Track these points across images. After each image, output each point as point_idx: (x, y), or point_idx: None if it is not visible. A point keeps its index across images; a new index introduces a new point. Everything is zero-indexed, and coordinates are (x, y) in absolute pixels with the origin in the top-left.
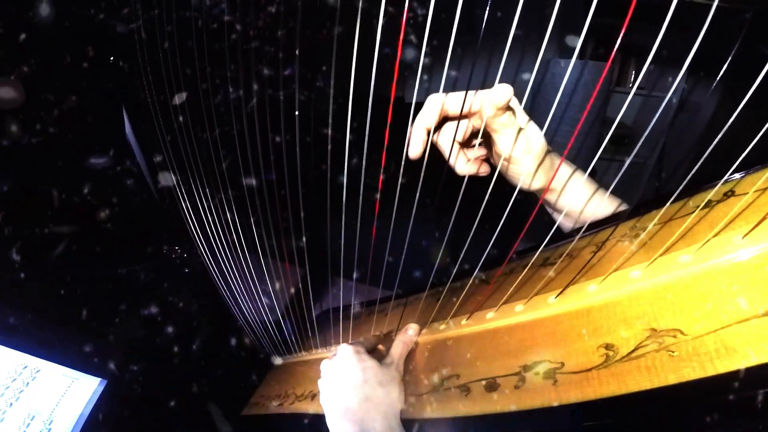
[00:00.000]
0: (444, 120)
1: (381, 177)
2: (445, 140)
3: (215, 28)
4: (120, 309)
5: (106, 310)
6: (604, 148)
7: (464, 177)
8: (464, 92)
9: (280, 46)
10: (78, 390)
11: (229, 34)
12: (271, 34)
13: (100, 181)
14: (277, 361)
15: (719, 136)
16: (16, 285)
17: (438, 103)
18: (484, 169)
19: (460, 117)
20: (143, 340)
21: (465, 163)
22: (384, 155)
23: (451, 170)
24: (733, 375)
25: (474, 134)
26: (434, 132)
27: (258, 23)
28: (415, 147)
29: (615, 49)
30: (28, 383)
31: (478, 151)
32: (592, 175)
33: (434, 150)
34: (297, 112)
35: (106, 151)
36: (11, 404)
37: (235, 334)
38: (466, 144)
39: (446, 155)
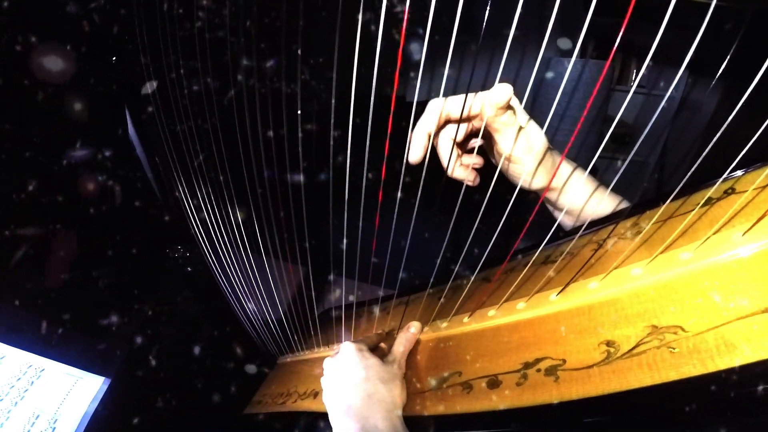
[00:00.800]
0: (445, 123)
1: (382, 177)
2: (443, 141)
3: (218, 26)
4: (124, 308)
5: (110, 310)
6: (605, 147)
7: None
8: (464, 95)
9: (282, 44)
10: (82, 389)
11: (232, 31)
12: (274, 33)
13: (103, 180)
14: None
15: (718, 134)
16: (20, 285)
17: (439, 107)
18: (474, 178)
19: (461, 120)
20: (147, 339)
21: (459, 167)
22: (386, 154)
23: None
24: (733, 371)
25: (473, 134)
26: (434, 135)
27: (262, 21)
28: (416, 152)
29: (614, 49)
30: (32, 382)
31: (474, 159)
32: (593, 173)
33: (434, 150)
34: (299, 111)
35: (108, 151)
36: (16, 403)
37: (238, 333)
38: (464, 145)
39: (442, 157)
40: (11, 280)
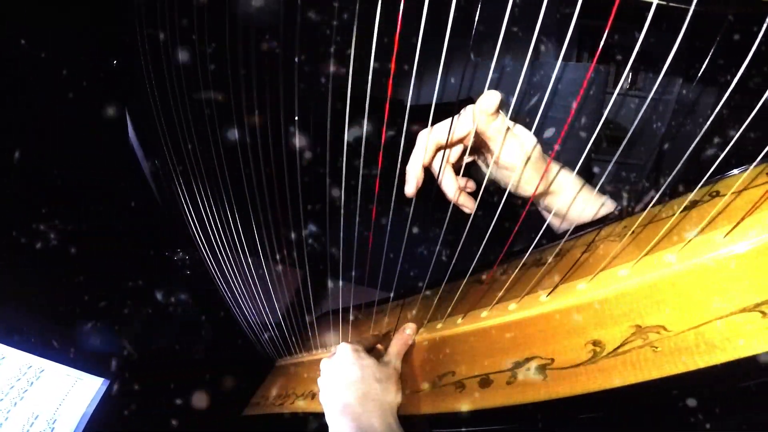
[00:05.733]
0: (436, 151)
1: (378, 180)
2: (436, 164)
3: (220, 28)
4: (123, 310)
5: (109, 311)
6: (602, 150)
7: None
8: (450, 119)
9: (281, 45)
10: (81, 390)
11: (231, 34)
12: (273, 34)
13: (104, 183)
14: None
15: (698, 138)
16: (21, 286)
17: (427, 138)
18: (470, 205)
19: (451, 144)
20: (146, 341)
21: (454, 190)
22: (380, 157)
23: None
24: (712, 370)
25: (464, 151)
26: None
27: (263, 23)
28: (411, 186)
29: (598, 52)
30: (32, 383)
31: (462, 181)
32: (590, 176)
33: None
34: (296, 117)
35: (109, 151)
36: (15, 404)
37: (237, 335)
38: (457, 163)
39: (437, 177)
40: (12, 280)
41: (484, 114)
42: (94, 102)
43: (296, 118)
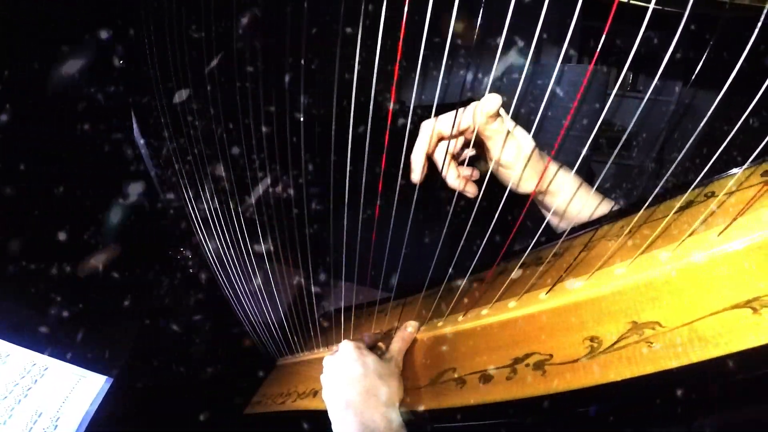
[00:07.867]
0: (438, 140)
1: (380, 180)
2: (439, 153)
3: (223, 29)
4: (127, 309)
5: (113, 310)
6: (603, 151)
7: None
8: (453, 112)
9: (286, 49)
10: (85, 388)
11: (235, 35)
12: (278, 39)
13: (107, 181)
14: None
15: (692, 139)
16: (25, 284)
17: (431, 127)
18: (471, 190)
19: (453, 136)
20: (149, 340)
21: (456, 177)
22: (383, 158)
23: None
24: (705, 364)
25: (466, 145)
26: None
27: (265, 25)
28: (416, 173)
29: (596, 54)
30: (36, 380)
31: (468, 170)
32: (590, 177)
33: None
34: (301, 118)
35: (112, 150)
36: (20, 401)
37: (239, 334)
38: (459, 155)
39: (440, 167)
40: (16, 278)
41: (484, 116)
42: (99, 102)
43: (301, 119)
